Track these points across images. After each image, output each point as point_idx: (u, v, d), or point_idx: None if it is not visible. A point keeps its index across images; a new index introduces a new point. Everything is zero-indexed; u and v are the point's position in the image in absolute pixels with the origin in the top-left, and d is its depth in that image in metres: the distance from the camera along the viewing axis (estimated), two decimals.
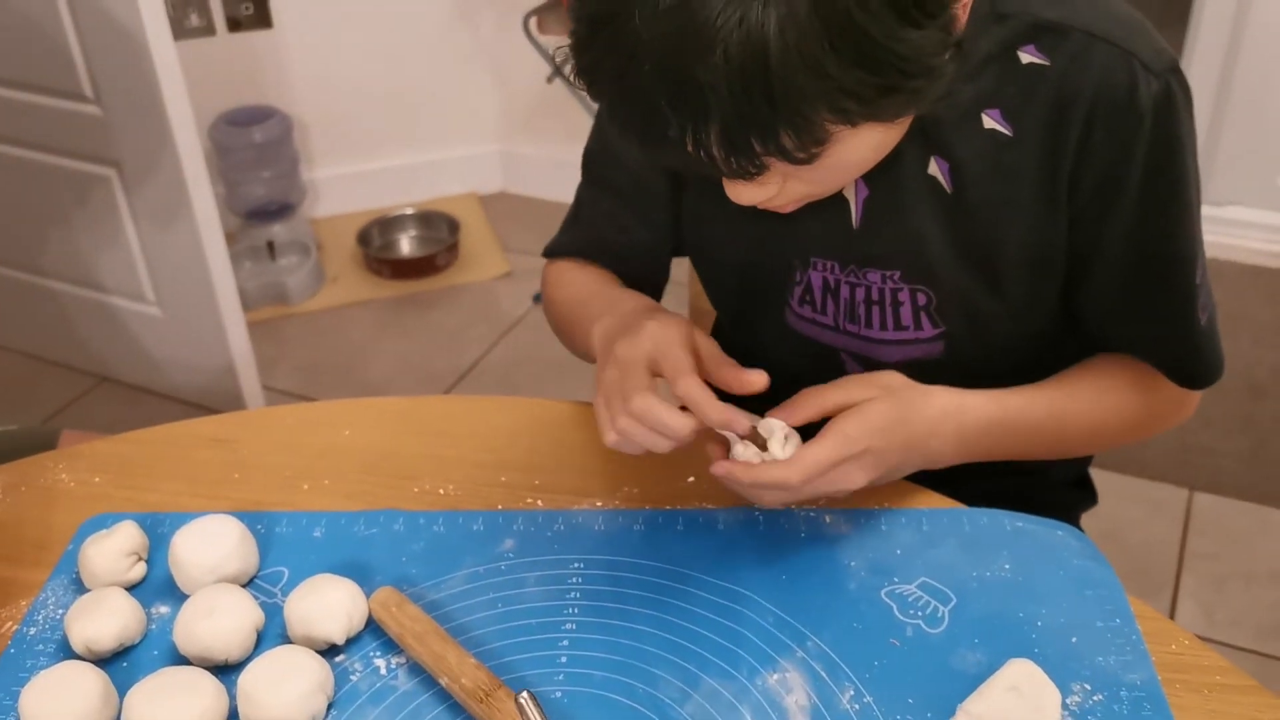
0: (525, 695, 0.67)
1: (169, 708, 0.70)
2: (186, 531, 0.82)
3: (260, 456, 0.95)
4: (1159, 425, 0.93)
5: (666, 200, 0.95)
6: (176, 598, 0.81)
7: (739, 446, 0.78)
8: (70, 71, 1.89)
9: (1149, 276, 0.84)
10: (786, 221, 0.80)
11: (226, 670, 0.75)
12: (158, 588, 0.83)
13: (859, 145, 0.69)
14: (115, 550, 0.81)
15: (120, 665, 0.77)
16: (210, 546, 0.81)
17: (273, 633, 0.79)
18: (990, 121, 0.80)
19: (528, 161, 2.89)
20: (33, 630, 0.79)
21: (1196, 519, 1.91)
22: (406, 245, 2.76)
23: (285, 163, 2.58)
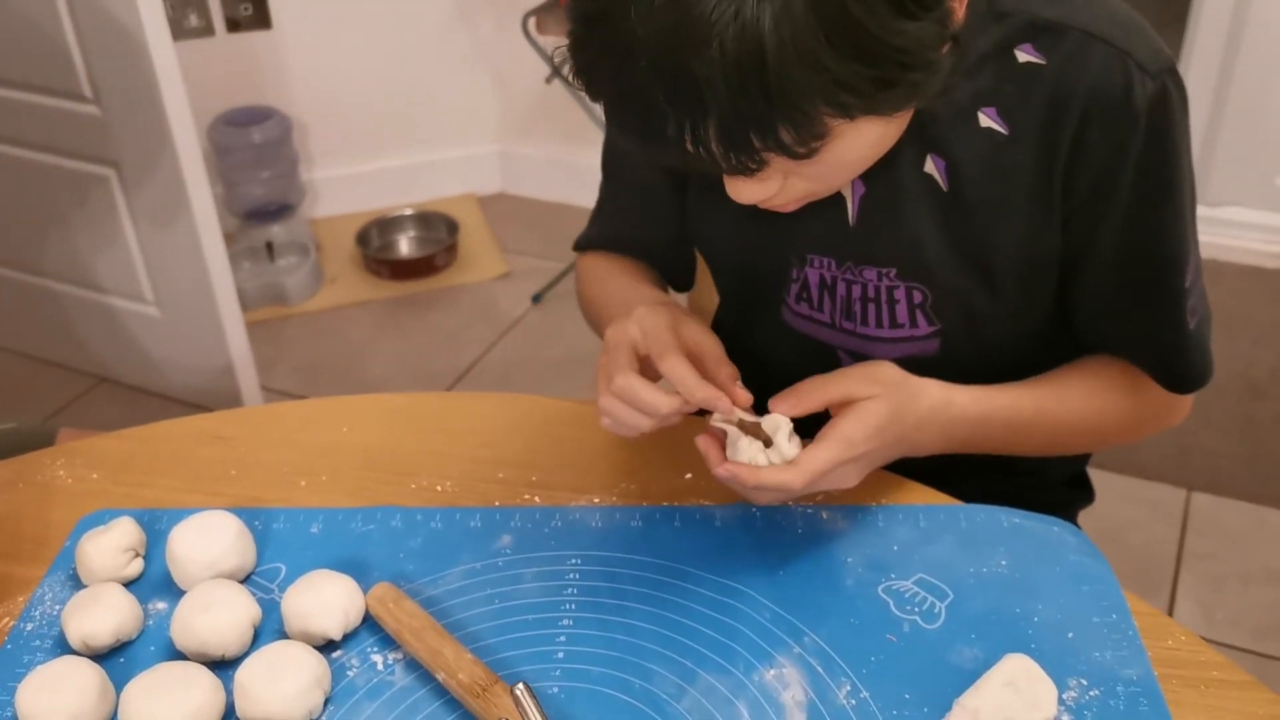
0: (521, 687, 0.67)
1: (166, 703, 0.70)
2: (184, 527, 0.82)
3: (258, 453, 0.95)
4: (1150, 427, 0.93)
5: (673, 197, 0.96)
6: (174, 593, 0.81)
7: (743, 441, 0.77)
8: (69, 71, 1.89)
9: (1138, 278, 0.84)
10: (784, 219, 0.80)
11: (224, 666, 0.75)
12: (155, 584, 0.83)
13: (858, 140, 0.69)
14: (112, 546, 0.82)
15: (117, 661, 0.77)
16: (208, 542, 0.81)
17: (270, 628, 0.79)
18: (987, 120, 0.80)
19: (526, 162, 2.90)
20: (30, 626, 0.80)
21: (1195, 519, 1.91)
22: (405, 246, 2.76)
23: (284, 163, 2.58)
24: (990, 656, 0.73)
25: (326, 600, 0.76)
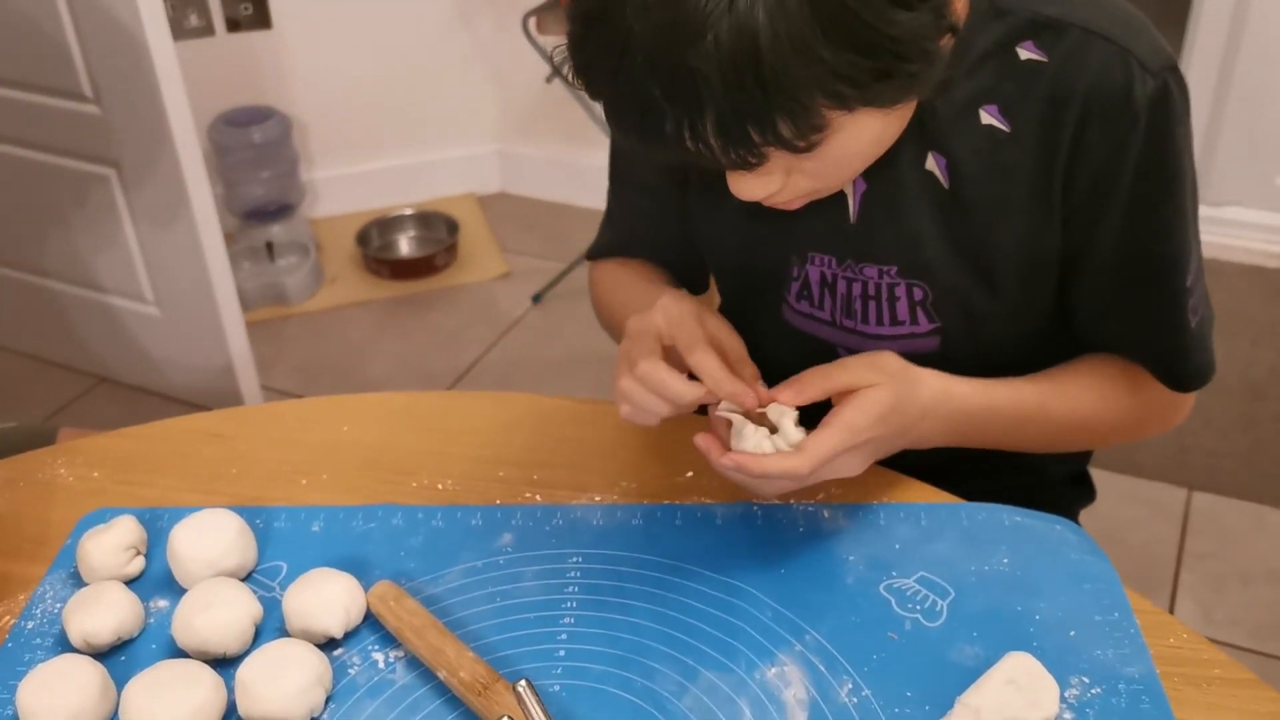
0: (523, 683, 0.67)
1: (167, 701, 0.70)
2: (185, 526, 0.82)
3: (259, 452, 0.95)
4: (1151, 426, 0.93)
5: (678, 198, 0.96)
6: (175, 592, 0.81)
7: (749, 429, 0.77)
8: (70, 71, 1.89)
9: (1139, 277, 0.83)
10: (784, 217, 0.80)
11: (225, 664, 0.75)
12: (156, 582, 0.83)
13: (859, 134, 0.69)
14: (114, 544, 0.81)
15: (118, 659, 0.77)
16: (209, 541, 0.81)
17: (271, 626, 0.79)
18: (988, 118, 0.80)
19: (526, 162, 2.90)
20: (30, 624, 0.79)
21: (1195, 519, 1.91)
22: (405, 246, 2.76)
23: (284, 163, 2.58)
24: (992, 654, 0.73)
25: (327, 598, 0.76)
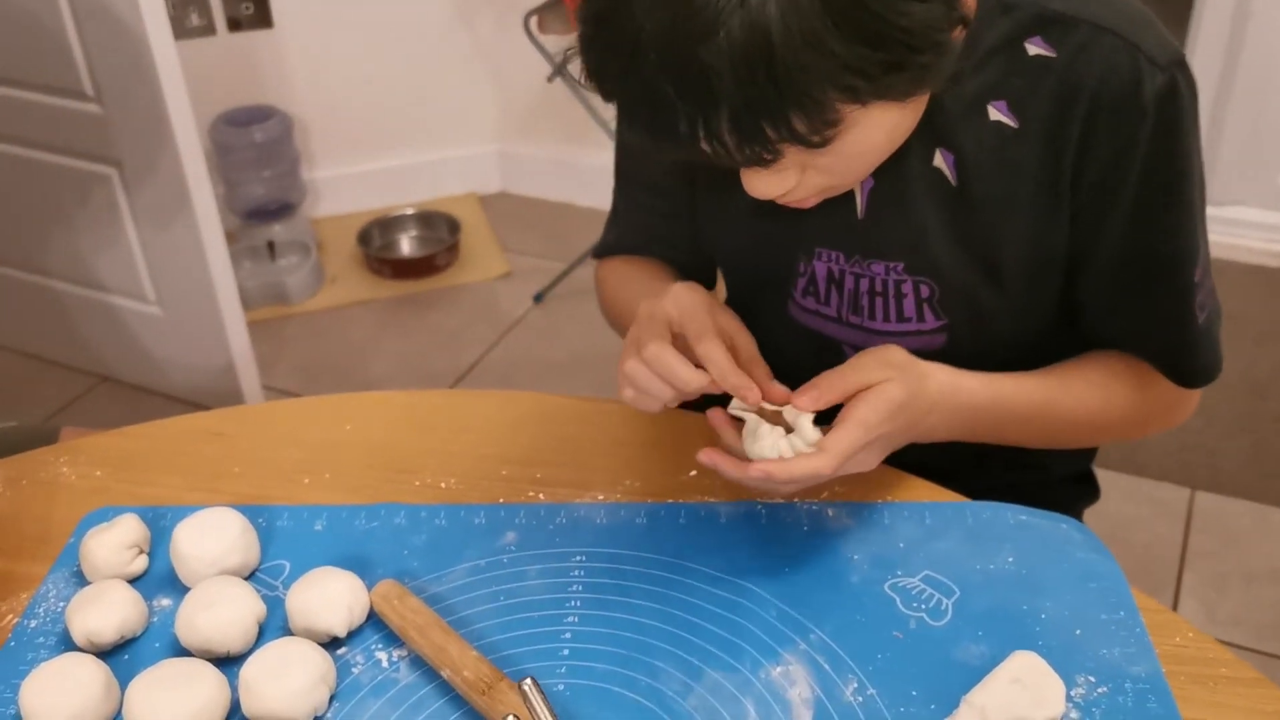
0: (529, 682, 0.67)
1: (170, 699, 0.70)
2: (188, 524, 0.82)
3: (261, 450, 0.95)
4: (1156, 423, 0.92)
5: (686, 195, 0.96)
6: (178, 590, 0.81)
7: (764, 428, 0.76)
8: (71, 70, 1.88)
9: (1147, 272, 0.83)
10: (791, 214, 0.80)
11: (228, 662, 0.75)
12: (159, 580, 0.82)
13: (872, 129, 0.69)
14: (116, 543, 0.81)
15: (121, 658, 0.77)
16: (212, 539, 0.80)
17: (274, 625, 0.78)
18: (996, 113, 0.79)
19: (528, 162, 2.89)
20: (33, 623, 0.79)
21: (1198, 518, 1.90)
22: (406, 245, 2.76)
23: (285, 162, 2.58)
24: (997, 653, 0.73)
25: (331, 597, 0.76)
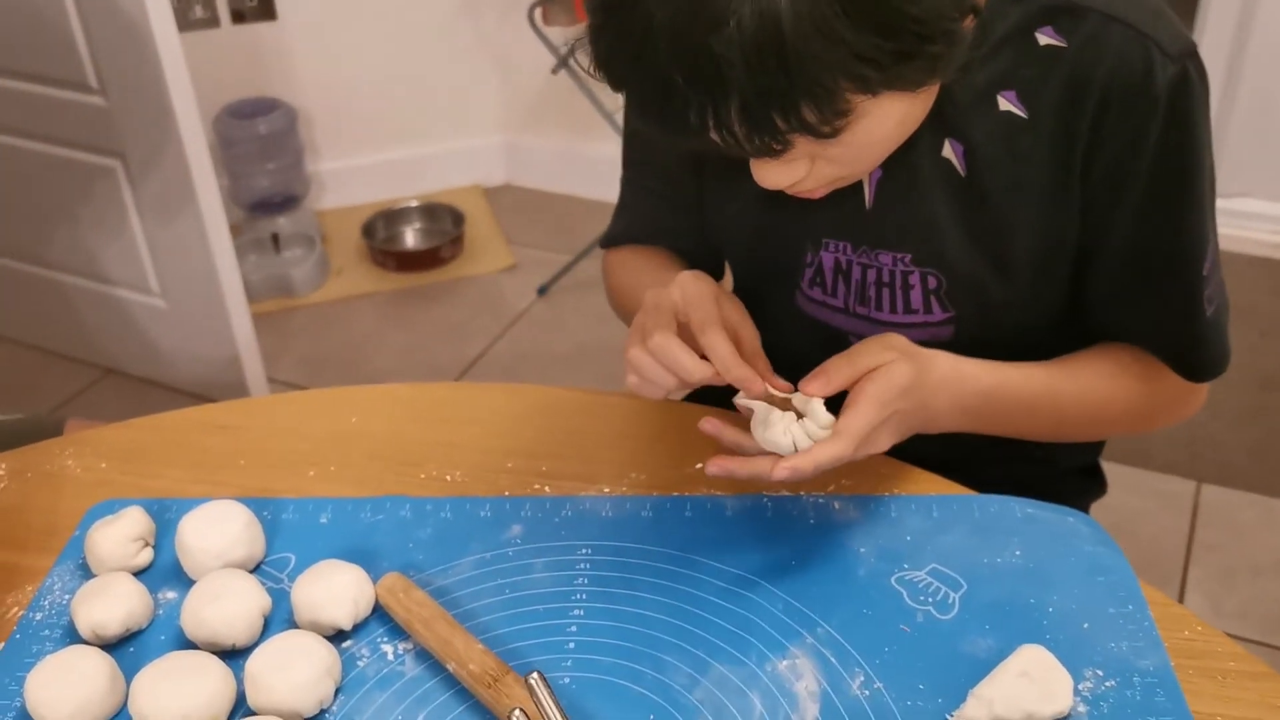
0: (535, 676, 0.67)
1: (176, 692, 0.70)
2: (193, 517, 0.81)
3: (266, 443, 0.95)
4: (1164, 416, 0.92)
5: (695, 184, 0.95)
6: (183, 583, 0.81)
7: (775, 415, 0.76)
8: (75, 63, 1.88)
9: (1155, 265, 0.83)
10: (799, 204, 0.79)
11: (234, 655, 0.75)
12: (165, 573, 0.82)
13: (883, 118, 0.68)
14: (122, 535, 0.81)
15: (127, 650, 0.77)
16: (217, 532, 0.80)
17: (280, 618, 0.78)
18: (1006, 103, 0.79)
19: (532, 153, 2.89)
20: (39, 615, 0.79)
21: (1204, 511, 1.90)
22: (411, 237, 2.75)
23: (290, 155, 2.58)
24: (1005, 647, 0.72)
25: (336, 590, 0.76)
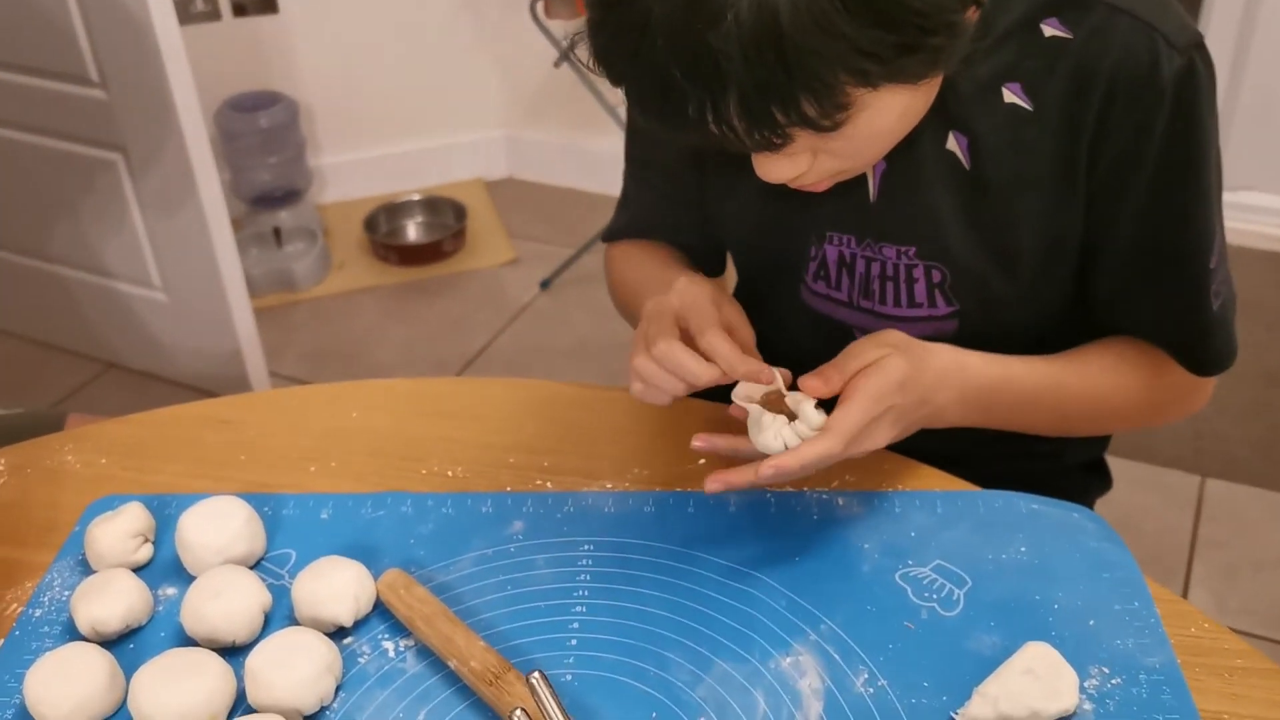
0: (536, 675, 0.66)
1: (176, 689, 0.69)
2: (193, 513, 0.81)
3: (267, 438, 0.94)
4: (1170, 411, 0.91)
5: (697, 178, 0.95)
6: (183, 579, 0.80)
7: (766, 418, 0.76)
8: (75, 56, 1.88)
9: (1162, 258, 0.82)
10: (803, 197, 0.79)
11: (234, 652, 0.75)
12: (165, 569, 0.82)
13: (885, 111, 0.68)
14: (122, 531, 0.81)
15: (127, 647, 0.76)
16: (217, 528, 0.80)
17: (280, 614, 0.78)
18: (1010, 96, 0.78)
19: (534, 147, 2.88)
20: (38, 612, 0.79)
21: (1208, 506, 1.89)
22: (413, 231, 2.75)
23: (291, 148, 2.57)
24: (1010, 644, 0.72)
25: (337, 587, 0.76)
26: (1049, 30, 0.77)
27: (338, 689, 0.72)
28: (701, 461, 0.89)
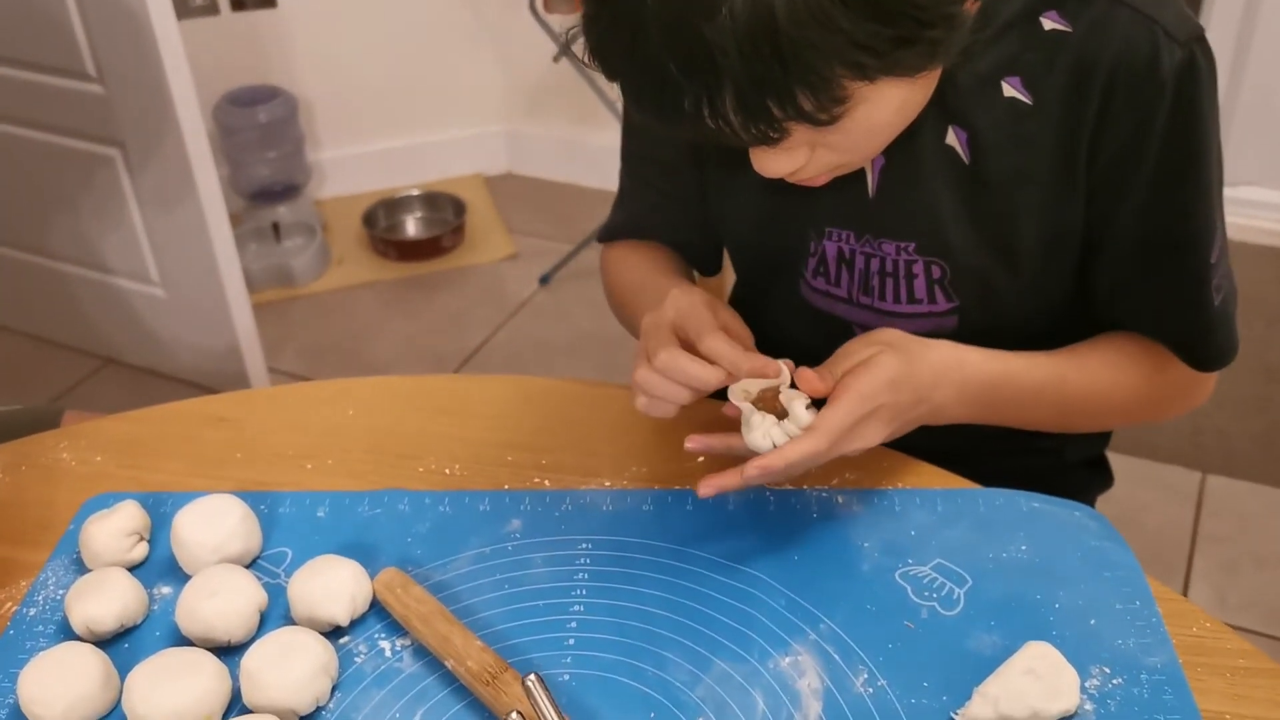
0: (533, 678, 0.66)
1: (171, 689, 0.69)
2: (189, 511, 0.81)
3: (263, 436, 0.94)
4: (1171, 406, 0.91)
5: (694, 176, 0.94)
6: (179, 578, 0.80)
7: (756, 418, 0.75)
8: (73, 50, 1.87)
9: (1162, 252, 0.82)
10: (802, 192, 0.78)
11: (229, 651, 0.74)
12: (160, 568, 0.82)
13: (882, 105, 0.67)
14: (117, 530, 0.80)
15: (121, 646, 0.76)
16: (213, 526, 0.80)
17: (276, 614, 0.78)
18: (1010, 90, 0.78)
19: (534, 142, 2.88)
20: (32, 611, 0.78)
21: (1209, 502, 1.89)
22: (412, 226, 2.74)
23: (290, 143, 2.56)
24: (1010, 643, 0.71)
25: (333, 586, 0.75)
26: (1049, 23, 0.76)
27: (334, 689, 0.72)
28: (700, 459, 0.88)
